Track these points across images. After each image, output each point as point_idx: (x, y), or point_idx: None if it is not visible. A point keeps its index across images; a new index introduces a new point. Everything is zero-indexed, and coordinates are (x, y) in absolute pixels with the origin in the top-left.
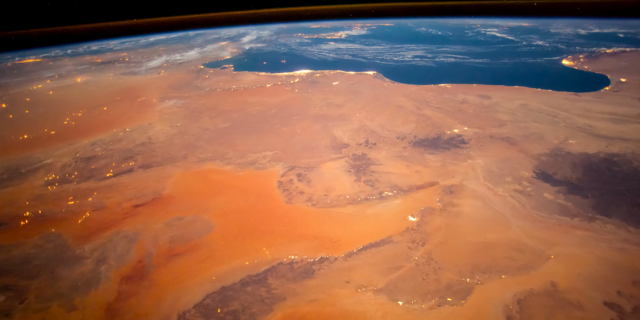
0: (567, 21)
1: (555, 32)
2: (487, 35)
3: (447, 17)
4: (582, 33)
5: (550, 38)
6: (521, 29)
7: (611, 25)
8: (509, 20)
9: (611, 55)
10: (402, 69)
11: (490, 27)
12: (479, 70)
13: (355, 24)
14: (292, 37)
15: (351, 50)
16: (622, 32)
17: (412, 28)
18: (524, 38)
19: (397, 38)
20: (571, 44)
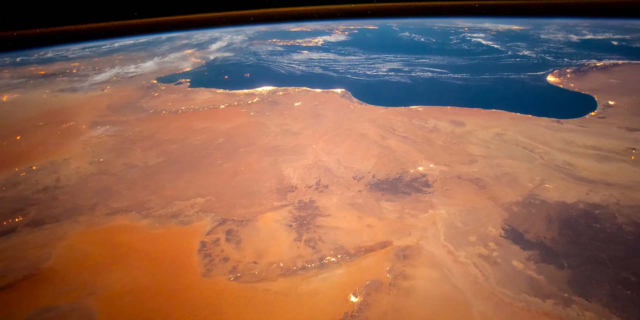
0: (563, 22)
1: (545, 39)
2: (472, 42)
3: (438, 17)
4: (574, 40)
5: (539, 46)
6: (509, 35)
7: (607, 28)
8: (501, 21)
9: (601, 70)
10: (374, 86)
11: (477, 31)
12: (455, 89)
13: (338, 27)
14: (265, 44)
15: (324, 62)
16: (616, 39)
17: (396, 32)
18: (511, 46)
19: (376, 46)
20: (560, 54)
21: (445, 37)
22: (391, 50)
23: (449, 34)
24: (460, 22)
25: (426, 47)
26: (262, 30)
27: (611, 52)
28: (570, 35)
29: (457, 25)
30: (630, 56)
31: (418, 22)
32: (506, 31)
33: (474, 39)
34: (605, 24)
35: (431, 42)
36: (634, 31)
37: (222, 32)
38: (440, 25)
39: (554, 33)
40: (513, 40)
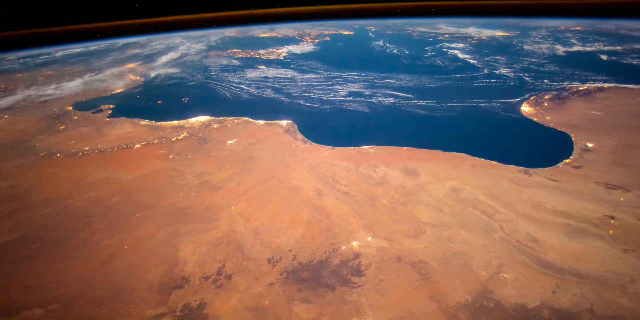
0: (555, 23)
1: (528, 51)
2: (447, 56)
3: (424, 17)
4: (559, 52)
5: (519, 62)
6: (491, 45)
7: (598, 35)
8: (491, 21)
9: (584, 97)
10: (326, 117)
11: (457, 40)
12: (417, 122)
13: (311, 32)
14: (222, 57)
15: (279, 81)
16: (606, 51)
17: (370, 40)
18: (489, 62)
19: (342, 60)
20: (540, 73)
21: (420, 48)
22: (357, 65)
23: (425, 43)
24: (446, 24)
25: (396, 62)
26: (228, 36)
27: (598, 71)
28: (557, 45)
29: (439, 30)
30: (617, 77)
31: (402, 23)
32: (488, 40)
33: (451, 51)
34: (598, 28)
35: (404, 54)
36: (627, 40)
37: (185, 38)
38: (421, 30)
39: (539, 42)
40: (493, 53)
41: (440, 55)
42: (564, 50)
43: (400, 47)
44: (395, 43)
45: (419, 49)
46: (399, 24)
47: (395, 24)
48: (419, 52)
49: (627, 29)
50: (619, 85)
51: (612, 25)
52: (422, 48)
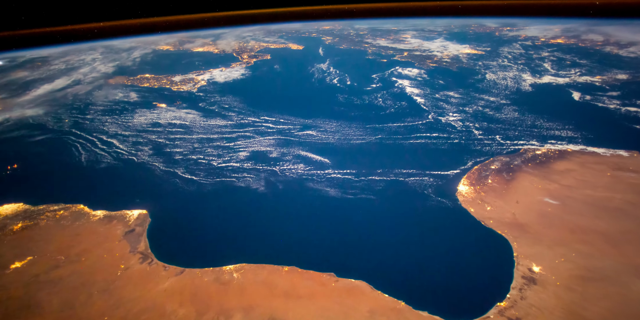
0: (535, 32)
1: (489, 84)
2: (393, 89)
3: (404, 17)
4: (525, 86)
5: (474, 102)
6: (448, 73)
7: (581, 54)
8: (464, 27)
9: (540, 168)
10: (200, 201)
11: (413, 63)
12: (317, 214)
13: (254, 47)
14: (119, 88)
15: (169, 131)
16: (581, 84)
17: (313, 61)
18: (438, 101)
19: (266, 95)
20: (494, 123)
21: (367, 76)
22: (280, 105)
23: (376, 67)
24: (414, 33)
25: (330, 100)
26: (157, 51)
27: (564, 121)
28: (525, 73)
29: (401, 44)
30: (587, 132)
31: (369, 28)
32: (450, 62)
33: (400, 82)
34: (583, 40)
35: (344, 86)
36: (610, 63)
37: (107, 51)
38: (380, 44)
39: (506, 67)
40: (447, 86)
41: (385, 87)
42: (531, 82)
43: (344, 74)
44: (342, 66)
45: (364, 77)
46: (364, 31)
47: (360, 30)
48: (363, 82)
49: (615, 44)
50: (586, 148)
51: (600, 36)
52: (369, 75)
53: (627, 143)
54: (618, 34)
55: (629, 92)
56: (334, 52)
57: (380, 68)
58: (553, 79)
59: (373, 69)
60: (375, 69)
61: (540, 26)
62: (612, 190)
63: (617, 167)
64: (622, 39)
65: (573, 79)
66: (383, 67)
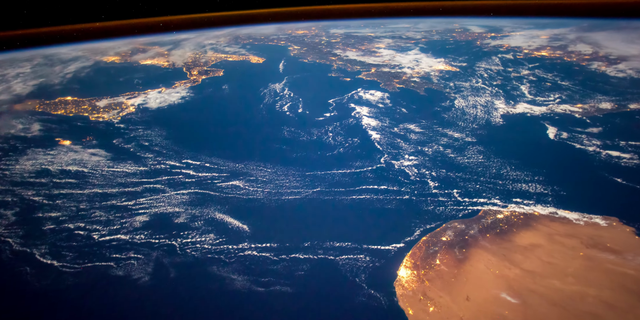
0: (520, 41)
1: (456, 113)
2: (349, 120)
3: (379, 18)
4: (495, 118)
5: (435, 139)
6: (414, 99)
7: (565, 73)
8: (445, 33)
9: (499, 241)
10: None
11: (378, 84)
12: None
13: (212, 58)
14: (24, 116)
15: (58, 184)
16: (559, 115)
17: (269, 80)
18: (395, 138)
19: (199, 129)
20: (454, 170)
21: (323, 100)
22: (212, 142)
23: (334, 90)
24: (389, 43)
25: (271, 136)
26: (100, 63)
27: (535, 170)
28: (499, 99)
29: (372, 56)
30: (560, 188)
31: (345, 33)
32: (419, 83)
33: (358, 110)
34: (570, 53)
35: (294, 114)
36: (595, 86)
37: (43, 63)
38: (349, 57)
39: (479, 91)
40: (410, 116)
41: (341, 117)
42: (503, 112)
43: (298, 98)
44: (299, 87)
45: (320, 103)
46: (337, 38)
47: (333, 36)
48: (317, 109)
49: (604, 58)
50: (557, 212)
51: (589, 47)
52: (326, 100)
53: (605, 205)
54: (609, 45)
55: (611, 129)
56: (296, 67)
57: (341, 90)
58: (528, 108)
59: (332, 92)
60: (335, 90)
61: (528, 32)
62: (585, 281)
63: (592, 243)
64: (613, 51)
65: (551, 107)
66: (344, 89)
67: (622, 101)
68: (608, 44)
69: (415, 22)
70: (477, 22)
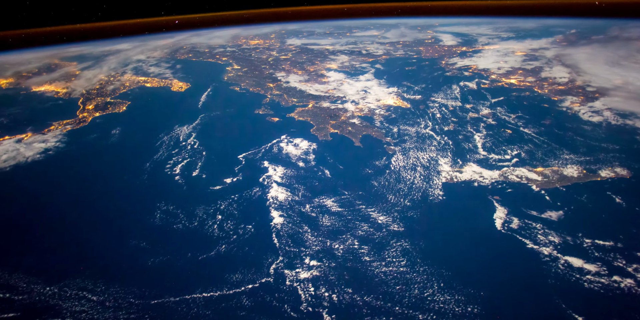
0: (492, 62)
1: (391, 181)
2: (252, 191)
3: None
4: (435, 189)
5: (354, 229)
6: (346, 154)
7: (532, 109)
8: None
9: None
10: None
11: (305, 131)
12: None
13: (125, 84)
14: None
15: None
16: (514, 186)
17: (181, 117)
18: (299, 227)
19: (36, 209)
20: (361, 291)
21: (230, 157)
22: (26, 245)
23: (252, 138)
24: (347, 58)
25: (129, 234)
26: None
27: (474, 293)
28: (445, 159)
29: (315, 85)
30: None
31: (297, 45)
32: (357, 127)
33: (267, 179)
34: (544, 82)
35: (181, 183)
36: (565, 138)
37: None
38: (292, 84)
39: (425, 143)
40: (324, 190)
41: (243, 185)
42: (447, 177)
43: (200, 153)
44: (210, 132)
45: (225, 160)
46: (289, 54)
47: (286, 50)
48: (218, 171)
49: (581, 90)
50: None
51: (566, 71)
52: (237, 153)
53: None
54: (590, 68)
55: (576, 214)
56: (220, 99)
57: (262, 137)
58: (478, 172)
59: (250, 140)
60: (254, 138)
61: (505, 44)
62: None
63: None
64: (592, 78)
65: (505, 172)
66: (266, 135)
67: (592, 164)
68: (589, 67)
69: (393, 24)
70: (456, 28)
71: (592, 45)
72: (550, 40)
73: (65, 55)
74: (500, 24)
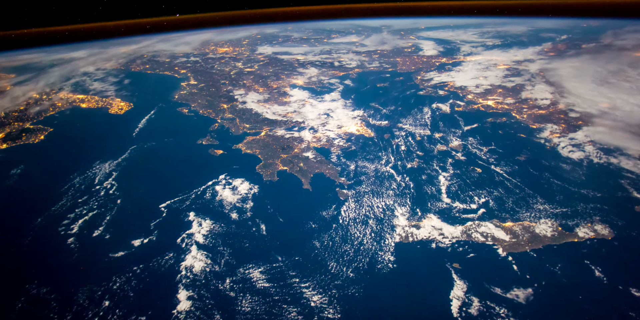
0: (476, 68)
1: (337, 241)
2: (162, 260)
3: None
4: (385, 259)
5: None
6: (299, 196)
7: (506, 141)
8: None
9: None
10: None
11: (247, 172)
12: None
13: (61, 105)
14: None
15: None
16: (481, 240)
17: (111, 146)
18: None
19: None
20: None
21: (149, 209)
22: None
23: (189, 179)
24: (316, 71)
25: None
26: None
27: None
28: (402, 210)
29: (274, 106)
30: None
31: (267, 54)
32: (310, 164)
33: (191, 230)
34: (523, 104)
35: (73, 247)
36: (540, 182)
37: None
38: (248, 105)
39: (383, 186)
40: (255, 255)
41: (155, 250)
42: (401, 235)
43: (114, 201)
44: (134, 171)
45: (143, 211)
46: (256, 65)
47: (253, 60)
48: (128, 228)
49: (563, 115)
50: None
51: (549, 91)
52: (159, 201)
53: None
54: (575, 88)
55: (546, 296)
56: (162, 124)
57: (193, 179)
58: (437, 230)
59: (178, 182)
60: (184, 180)
61: (488, 55)
62: None
63: None
64: (576, 100)
65: (468, 228)
66: (202, 174)
67: (569, 218)
68: (574, 86)
69: (377, 26)
70: (441, 33)
71: (581, 57)
72: (537, 49)
73: (9, 64)
74: (489, 27)
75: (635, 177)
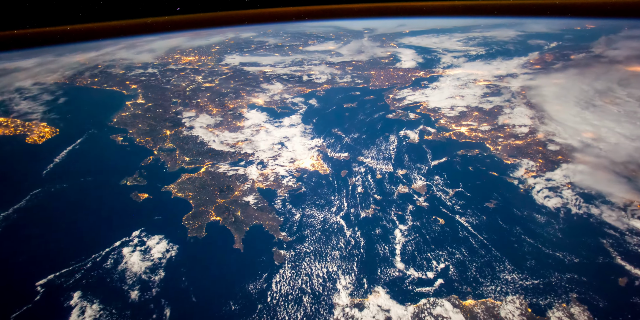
0: (453, 84)
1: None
2: None
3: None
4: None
5: None
6: (212, 263)
7: (476, 180)
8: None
9: None
10: None
11: (185, 217)
12: None
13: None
14: None
15: None
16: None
17: (9, 191)
18: None
19: None
20: None
21: (18, 294)
22: None
23: (90, 242)
24: (282, 87)
25: None
26: None
27: None
28: (346, 280)
29: (225, 133)
30: None
31: (233, 65)
32: (252, 210)
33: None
34: (499, 133)
35: None
36: (510, 243)
37: None
38: (196, 132)
39: (329, 246)
40: None
41: None
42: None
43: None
44: (15, 236)
45: (9, 297)
46: (221, 77)
47: (217, 73)
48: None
49: (541, 147)
50: None
51: (528, 116)
52: (37, 277)
53: None
54: (557, 111)
55: None
56: (84, 157)
57: (96, 239)
58: (384, 310)
59: (76, 243)
60: (84, 239)
61: (469, 68)
62: None
63: None
64: (559, 126)
65: (420, 310)
66: (105, 235)
67: (541, 294)
68: (556, 110)
69: (359, 30)
70: (424, 39)
71: (567, 71)
72: (522, 61)
73: None
74: (477, 31)
75: (619, 236)
